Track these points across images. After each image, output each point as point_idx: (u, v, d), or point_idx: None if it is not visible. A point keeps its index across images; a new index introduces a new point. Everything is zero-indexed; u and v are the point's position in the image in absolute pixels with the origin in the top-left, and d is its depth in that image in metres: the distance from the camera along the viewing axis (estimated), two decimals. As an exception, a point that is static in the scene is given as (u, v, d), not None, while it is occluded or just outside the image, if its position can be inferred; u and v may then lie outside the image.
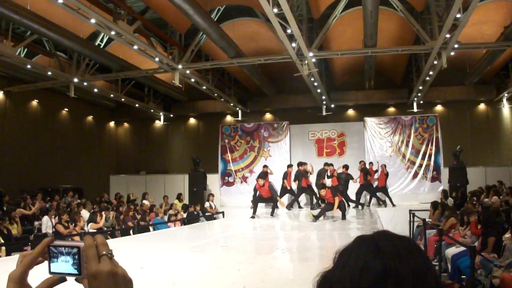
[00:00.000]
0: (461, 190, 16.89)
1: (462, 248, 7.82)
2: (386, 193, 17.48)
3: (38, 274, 1.14)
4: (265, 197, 14.70)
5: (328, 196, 13.52)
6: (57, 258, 1.07)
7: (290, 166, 17.66)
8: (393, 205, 17.03)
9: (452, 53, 14.61)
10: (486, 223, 8.45)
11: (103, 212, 12.35)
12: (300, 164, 17.00)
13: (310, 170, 17.09)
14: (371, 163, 18.14)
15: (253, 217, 14.53)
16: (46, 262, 1.09)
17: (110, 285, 1.00)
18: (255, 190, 15.16)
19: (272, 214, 14.79)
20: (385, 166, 17.85)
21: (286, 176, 17.10)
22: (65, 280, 1.09)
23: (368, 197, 17.98)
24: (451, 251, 8.58)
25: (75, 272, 1.06)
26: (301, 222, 13.07)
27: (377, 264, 0.95)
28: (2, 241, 9.70)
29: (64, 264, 1.06)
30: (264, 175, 16.01)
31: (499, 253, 7.60)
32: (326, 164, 17.43)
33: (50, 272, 1.08)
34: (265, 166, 17.83)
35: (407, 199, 18.20)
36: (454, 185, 17.42)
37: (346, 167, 17.16)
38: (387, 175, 17.61)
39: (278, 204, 15.08)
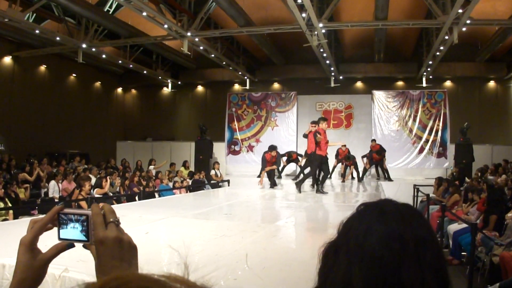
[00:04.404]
0: (459, 166, 16.89)
1: (464, 225, 7.88)
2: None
3: (48, 239, 1.18)
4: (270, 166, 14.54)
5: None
6: (66, 225, 1.11)
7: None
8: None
9: (464, 29, 14.38)
10: (489, 201, 8.49)
11: (108, 177, 12.41)
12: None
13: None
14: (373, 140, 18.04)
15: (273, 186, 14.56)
16: (55, 229, 1.13)
17: (116, 251, 1.04)
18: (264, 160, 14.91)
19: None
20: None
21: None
22: (73, 246, 1.13)
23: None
24: (453, 227, 8.64)
25: (83, 238, 1.10)
26: (307, 193, 13.08)
27: (381, 227, 0.98)
28: (10, 204, 9.83)
29: (72, 231, 1.11)
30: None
31: (500, 232, 7.67)
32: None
33: (59, 238, 1.12)
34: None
35: (412, 174, 18.22)
36: (459, 162, 17.40)
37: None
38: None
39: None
